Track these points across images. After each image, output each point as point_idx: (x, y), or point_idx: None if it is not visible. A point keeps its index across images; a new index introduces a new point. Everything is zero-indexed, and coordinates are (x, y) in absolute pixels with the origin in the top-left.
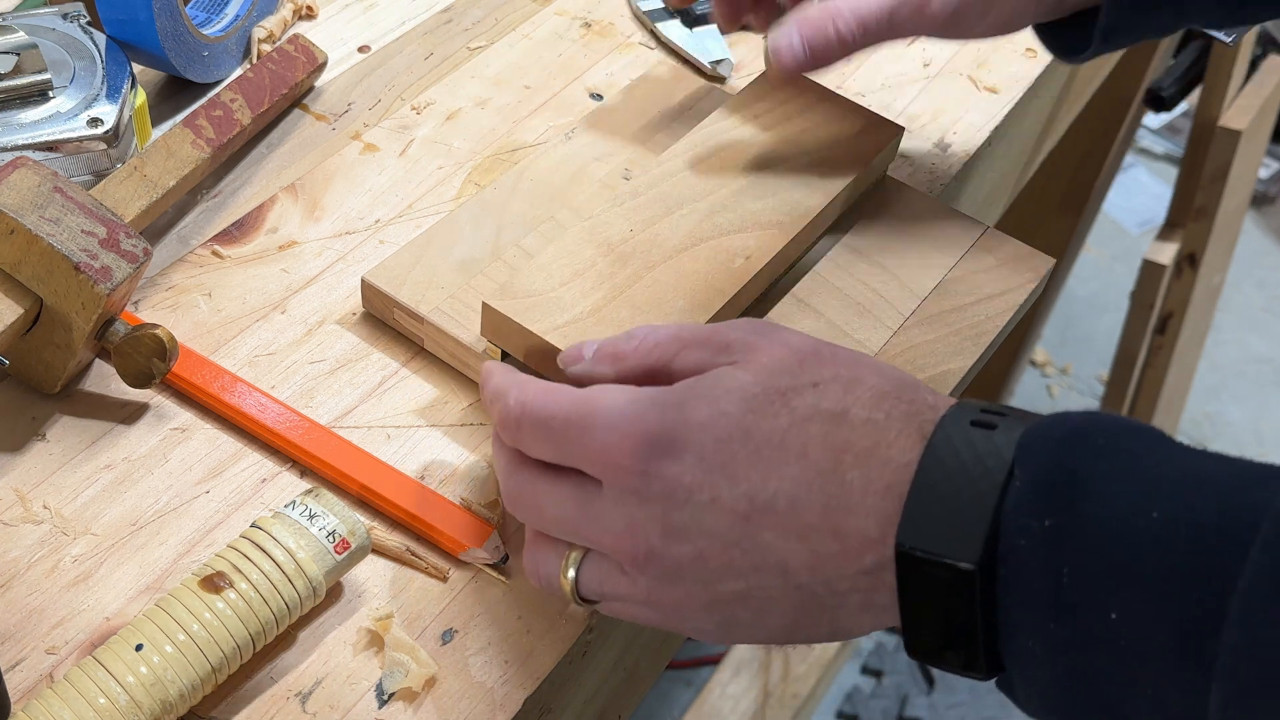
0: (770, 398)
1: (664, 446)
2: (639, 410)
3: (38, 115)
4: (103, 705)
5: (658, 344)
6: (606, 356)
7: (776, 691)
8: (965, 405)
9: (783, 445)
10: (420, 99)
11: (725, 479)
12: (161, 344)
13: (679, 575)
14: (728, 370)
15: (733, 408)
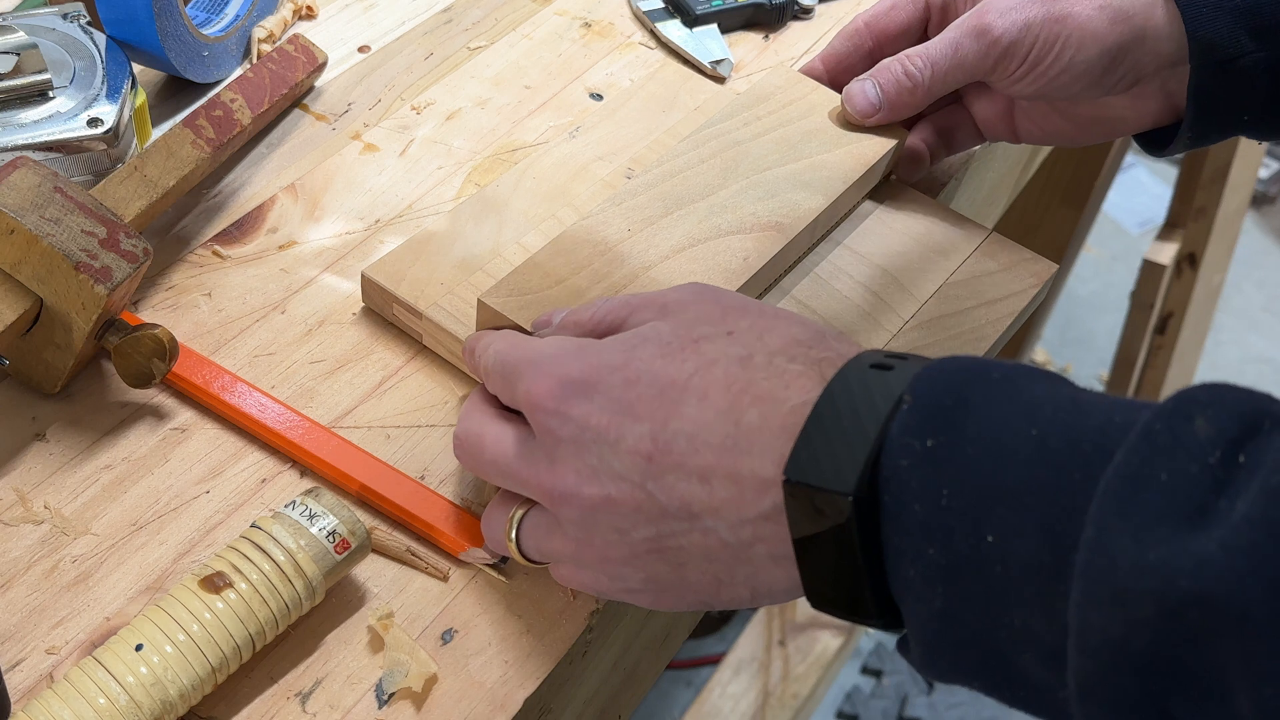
0: (683, 344)
1: (578, 388)
2: (562, 354)
3: (38, 115)
4: (103, 705)
5: (611, 309)
6: (568, 323)
7: (776, 691)
8: (870, 352)
9: (685, 387)
10: (420, 99)
11: (630, 419)
12: (161, 344)
13: (594, 521)
14: (652, 323)
15: (645, 353)
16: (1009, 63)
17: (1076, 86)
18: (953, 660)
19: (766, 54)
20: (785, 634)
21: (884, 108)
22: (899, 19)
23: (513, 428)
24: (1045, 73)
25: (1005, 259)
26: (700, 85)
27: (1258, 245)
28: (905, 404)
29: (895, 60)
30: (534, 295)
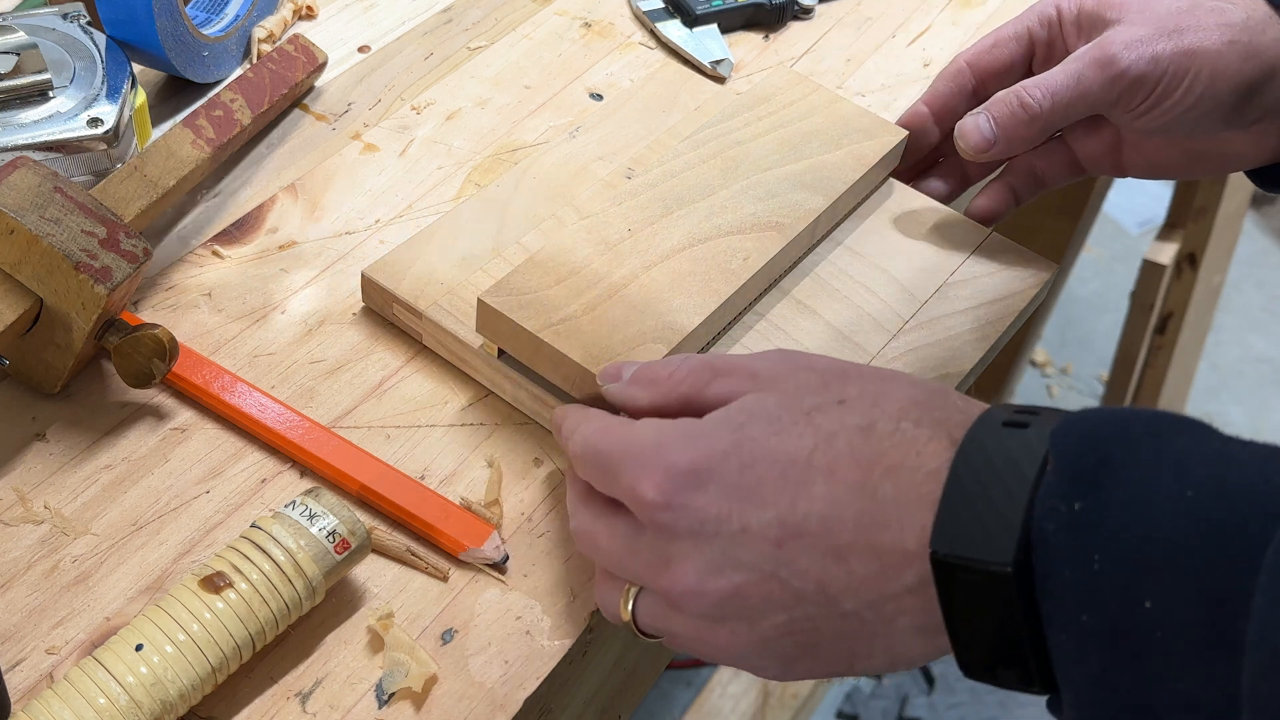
0: (795, 418)
1: (689, 478)
2: (665, 443)
3: (38, 115)
4: (103, 705)
5: (691, 371)
6: (642, 380)
7: (776, 691)
8: (997, 408)
9: (809, 465)
10: (420, 99)
11: (753, 506)
12: (161, 344)
13: (721, 614)
14: (754, 396)
15: (756, 432)
16: (1134, 96)
17: (1201, 122)
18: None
19: (766, 54)
20: None
21: (999, 142)
22: (1002, 56)
23: (622, 522)
24: (1172, 108)
25: (1005, 259)
26: (700, 85)
27: (1258, 245)
28: (1049, 470)
29: (1010, 92)
30: (534, 295)
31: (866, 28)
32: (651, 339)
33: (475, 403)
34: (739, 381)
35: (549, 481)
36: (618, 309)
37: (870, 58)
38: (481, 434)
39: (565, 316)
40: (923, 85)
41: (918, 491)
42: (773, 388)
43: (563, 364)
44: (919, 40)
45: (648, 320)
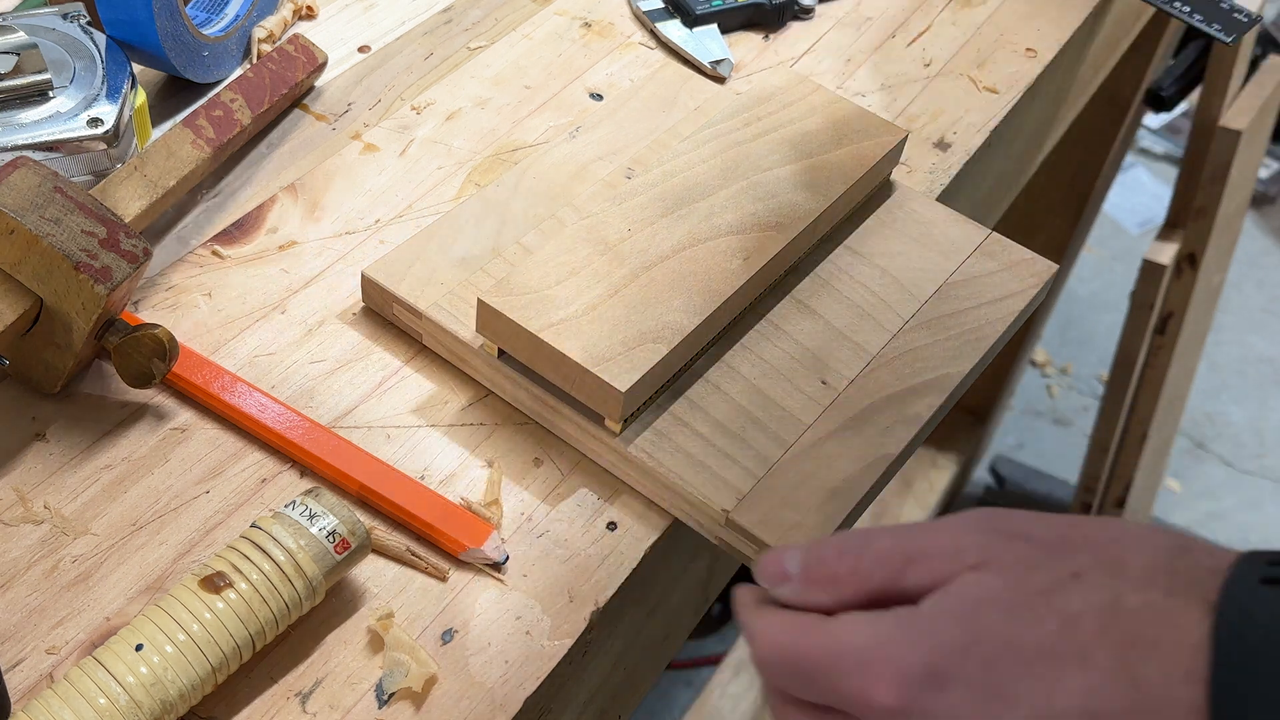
0: (1030, 602)
1: (926, 681)
2: (889, 644)
3: (38, 115)
4: (103, 705)
5: (878, 561)
6: (819, 579)
7: None
8: (1250, 559)
9: (1056, 654)
10: (420, 99)
11: (1003, 705)
12: (161, 344)
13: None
14: (973, 578)
15: (991, 621)
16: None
17: None
18: None
19: (766, 54)
20: None
21: None
22: None
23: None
24: None
25: (1005, 259)
26: (700, 85)
27: (1258, 245)
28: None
29: None
30: (534, 295)
31: (866, 28)
32: (651, 339)
33: (475, 403)
34: (942, 564)
35: (549, 481)
36: (618, 309)
37: (870, 58)
38: (481, 434)
39: (565, 316)
40: (923, 85)
41: (1185, 669)
42: (987, 566)
43: (563, 364)
44: (919, 40)
45: (648, 320)
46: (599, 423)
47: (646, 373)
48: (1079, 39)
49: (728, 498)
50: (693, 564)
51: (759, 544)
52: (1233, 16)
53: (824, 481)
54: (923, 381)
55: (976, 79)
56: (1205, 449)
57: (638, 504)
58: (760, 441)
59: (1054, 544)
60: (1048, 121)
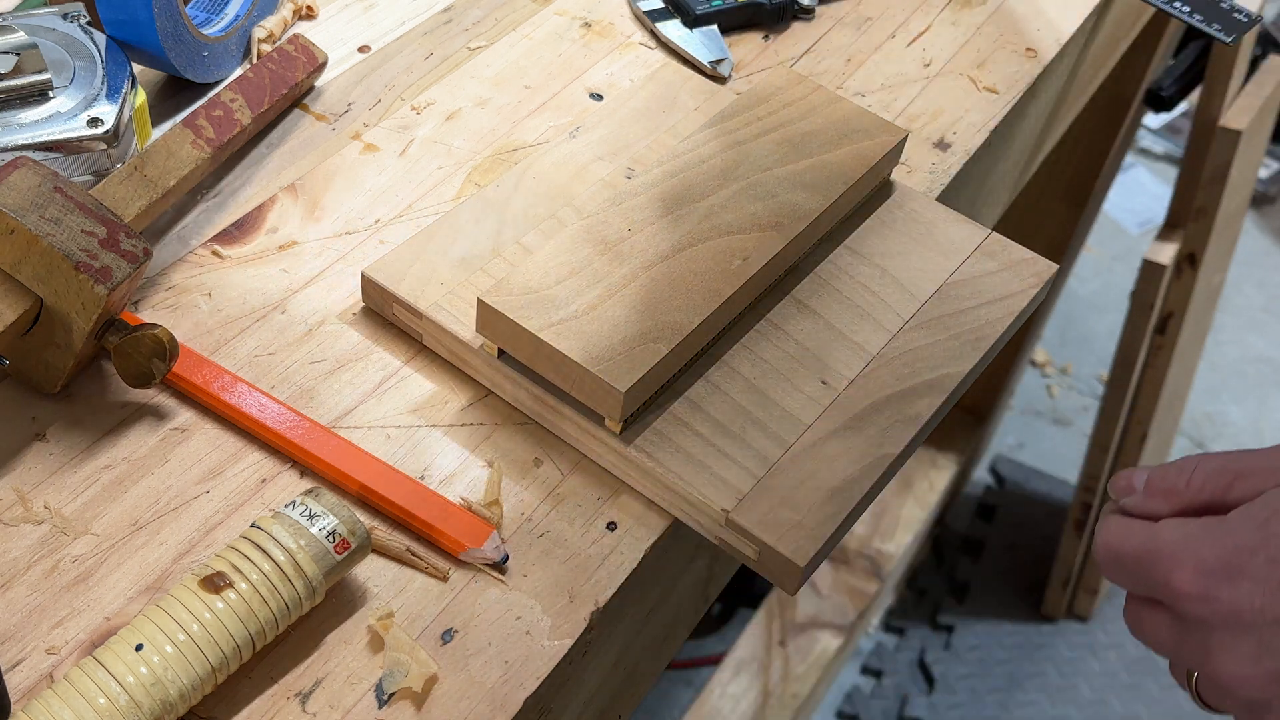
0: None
1: (1220, 573)
2: (1193, 541)
3: (38, 115)
4: (103, 705)
5: (1209, 477)
6: (1159, 491)
7: (776, 691)
8: None
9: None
10: (420, 99)
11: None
12: (161, 344)
13: (1266, 697)
14: (1275, 492)
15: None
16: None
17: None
18: None
19: (766, 54)
20: (785, 634)
21: None
22: None
23: (1162, 615)
24: None
25: (1005, 259)
26: (700, 85)
27: (1258, 245)
28: None
29: None
30: (534, 295)
31: (866, 28)
32: (651, 339)
33: (475, 403)
34: (1262, 480)
35: (549, 481)
36: (618, 309)
37: (870, 58)
38: (481, 434)
39: (565, 316)
40: (922, 85)
41: None
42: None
43: (563, 364)
44: (919, 40)
45: (648, 320)
46: (599, 423)
47: (646, 373)
48: (1079, 39)
49: (728, 498)
50: (693, 564)
51: (759, 544)
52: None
53: (824, 481)
54: (923, 381)
55: (976, 79)
56: (1205, 449)
57: (638, 504)
58: (760, 441)
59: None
60: (1048, 121)
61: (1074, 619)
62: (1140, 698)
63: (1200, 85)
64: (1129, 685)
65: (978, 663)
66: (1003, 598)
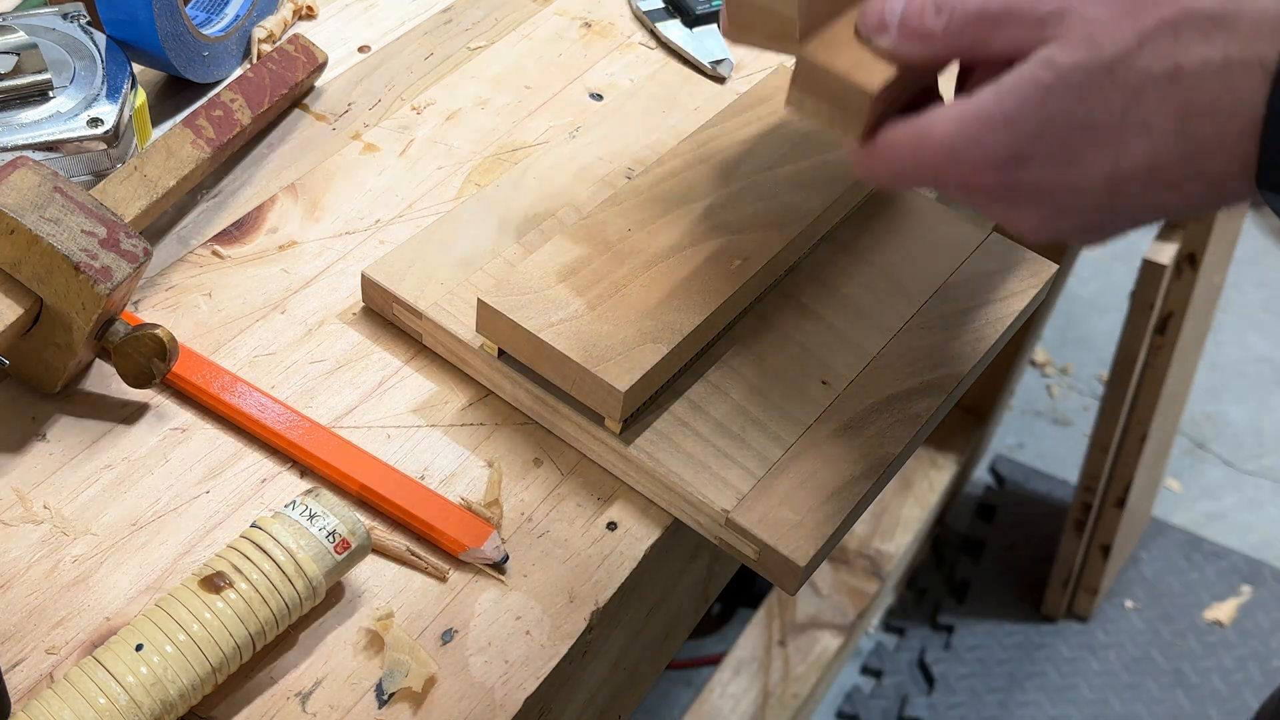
0: (1096, 80)
1: (1012, 162)
2: (975, 136)
3: (38, 115)
4: (103, 705)
5: (968, 21)
6: (914, 34)
7: (776, 692)
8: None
9: (1123, 126)
10: (420, 99)
11: (1078, 170)
12: (161, 344)
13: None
14: (1046, 56)
15: (1064, 104)
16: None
17: None
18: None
19: (766, 54)
20: (785, 634)
21: None
22: None
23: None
24: None
25: (1005, 259)
26: (700, 85)
27: (1258, 245)
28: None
29: None
30: (534, 295)
31: None
32: (651, 339)
33: (475, 403)
34: (1023, 30)
35: (549, 481)
36: (617, 309)
37: None
38: (481, 434)
39: (565, 316)
40: None
41: (1238, 127)
42: (1064, 36)
43: (563, 364)
44: None
45: (647, 320)
46: (599, 423)
47: (646, 373)
48: None
49: (728, 498)
50: (693, 564)
51: (759, 544)
52: None
53: (824, 481)
54: (923, 381)
55: None
56: (1205, 449)
57: (638, 504)
58: (760, 441)
59: (1120, 7)
60: None
61: (1074, 619)
62: (1140, 698)
63: None
64: (1129, 685)
65: (978, 663)
66: (1003, 598)
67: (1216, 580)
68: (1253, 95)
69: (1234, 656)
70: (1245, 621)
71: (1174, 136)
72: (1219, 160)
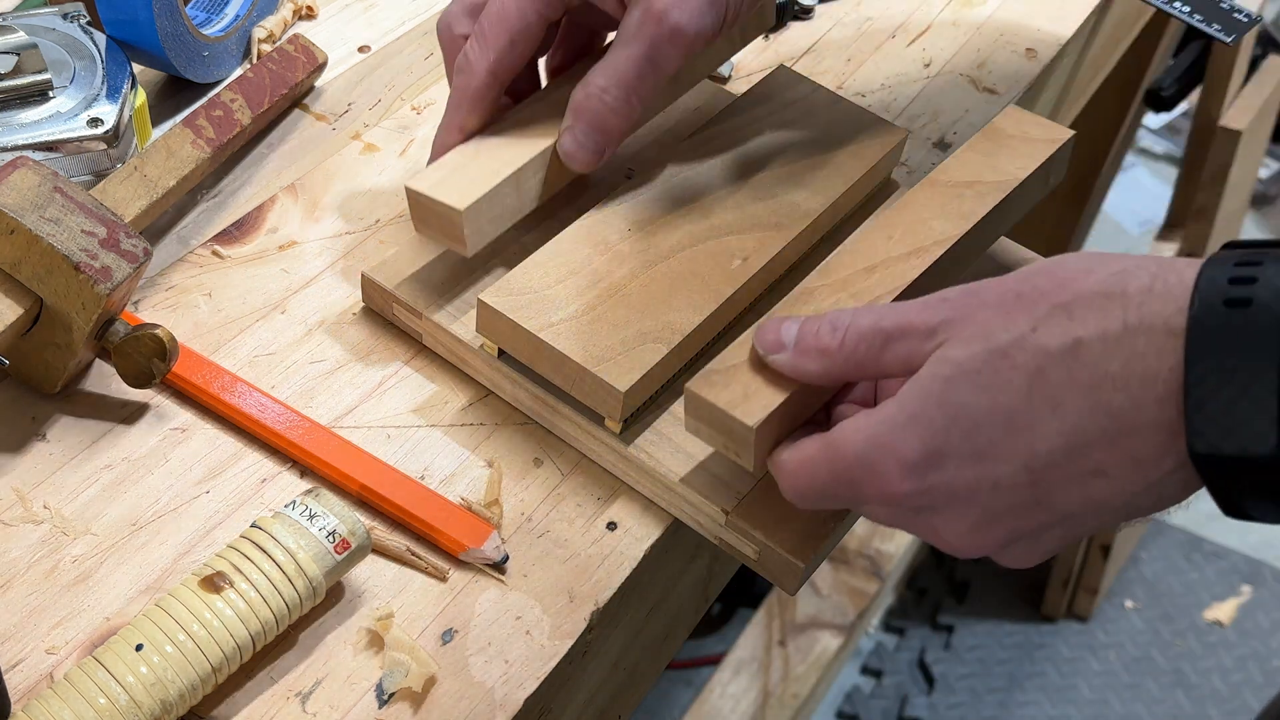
0: (994, 366)
1: (923, 465)
2: (883, 441)
3: (38, 115)
4: (103, 705)
5: (861, 337)
6: (812, 351)
7: (776, 691)
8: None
9: (1031, 408)
10: (420, 99)
11: (995, 463)
12: (161, 344)
13: (1005, 547)
14: (941, 354)
15: (965, 396)
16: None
17: None
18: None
19: (766, 54)
20: (785, 634)
21: (605, 148)
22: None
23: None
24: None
25: (1006, 259)
26: (700, 85)
27: None
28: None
29: (589, 97)
30: (534, 295)
31: (866, 28)
32: (651, 339)
33: (475, 403)
34: (916, 342)
35: (549, 481)
36: (618, 309)
37: (870, 58)
38: (481, 434)
39: (565, 316)
40: (922, 85)
41: (1154, 395)
42: (951, 342)
43: (563, 364)
44: (919, 40)
45: (647, 320)
46: (599, 423)
47: (646, 373)
48: (1079, 39)
49: (728, 497)
50: (693, 564)
51: (759, 544)
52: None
53: None
54: None
55: (976, 79)
56: None
57: (638, 504)
58: None
59: (1011, 304)
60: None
61: (1074, 619)
62: (1140, 698)
63: (1200, 85)
64: (1129, 685)
65: (978, 663)
66: (1003, 598)
67: (1216, 580)
68: (1164, 359)
69: (1234, 656)
70: (1245, 621)
71: (1087, 411)
72: (1144, 435)
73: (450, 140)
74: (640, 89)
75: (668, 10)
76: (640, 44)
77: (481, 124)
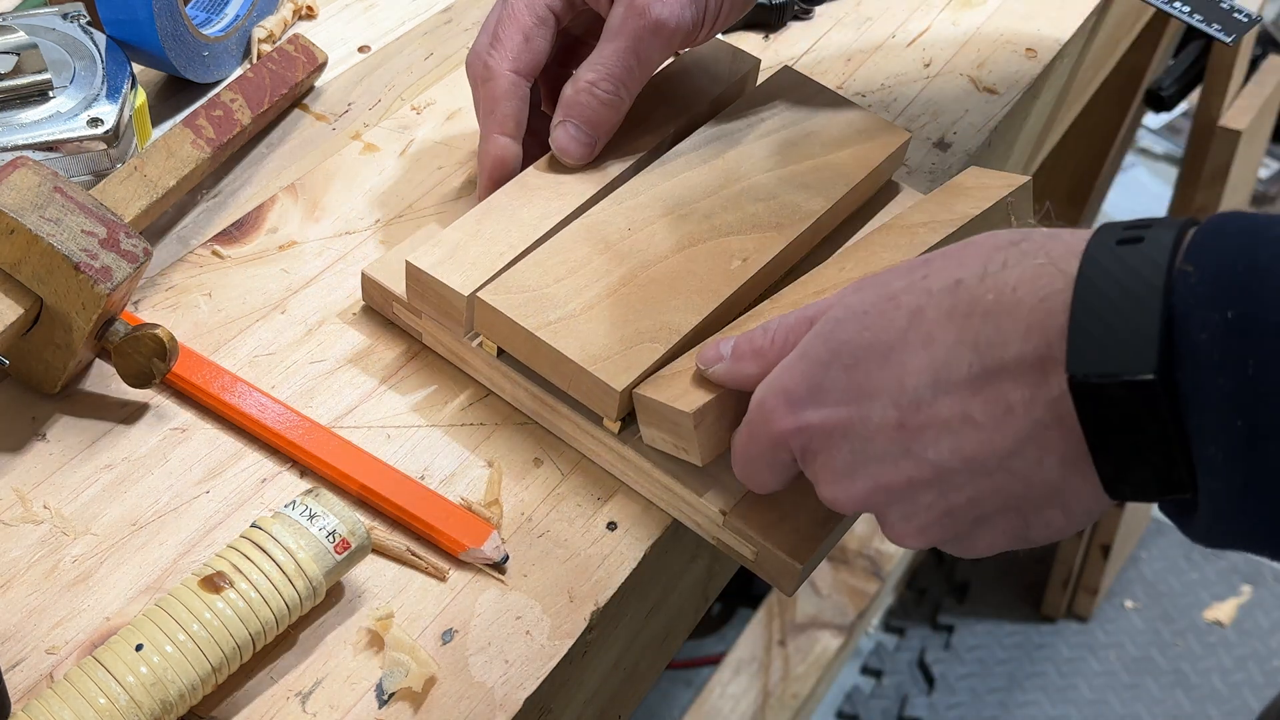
0: (881, 308)
1: (807, 398)
2: (773, 380)
3: (38, 115)
4: (103, 705)
5: (790, 329)
6: (747, 354)
7: (776, 691)
8: (1105, 228)
9: (904, 343)
10: (420, 99)
11: (868, 398)
12: (161, 344)
13: (876, 508)
14: (836, 301)
15: (850, 332)
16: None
17: None
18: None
19: (766, 54)
20: (785, 634)
21: (597, 140)
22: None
23: None
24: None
25: None
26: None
27: None
28: (1190, 275)
29: (579, 92)
30: (533, 294)
31: (866, 28)
32: (649, 339)
33: (475, 403)
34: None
35: (549, 481)
36: (616, 308)
37: (870, 58)
38: (481, 434)
39: (563, 315)
40: (923, 85)
41: (1024, 324)
42: (857, 293)
43: (560, 363)
44: (919, 40)
45: (646, 320)
46: (598, 422)
47: (643, 372)
48: (1079, 39)
49: (725, 498)
50: (693, 564)
51: (757, 544)
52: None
53: None
54: None
55: (976, 79)
56: None
57: (637, 504)
58: None
59: (916, 261)
60: (1048, 122)
61: (1074, 619)
62: (1140, 698)
63: (1200, 85)
64: (1129, 685)
65: (978, 663)
66: (1003, 598)
67: (1216, 580)
68: (1040, 288)
69: (1234, 656)
70: (1245, 621)
71: (954, 344)
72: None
73: (493, 150)
74: (628, 81)
75: (649, 5)
76: (625, 38)
77: (514, 125)
